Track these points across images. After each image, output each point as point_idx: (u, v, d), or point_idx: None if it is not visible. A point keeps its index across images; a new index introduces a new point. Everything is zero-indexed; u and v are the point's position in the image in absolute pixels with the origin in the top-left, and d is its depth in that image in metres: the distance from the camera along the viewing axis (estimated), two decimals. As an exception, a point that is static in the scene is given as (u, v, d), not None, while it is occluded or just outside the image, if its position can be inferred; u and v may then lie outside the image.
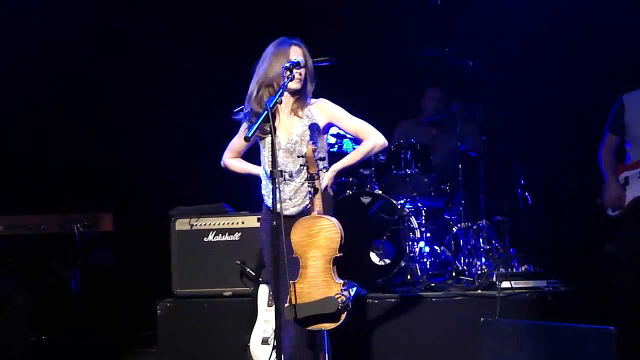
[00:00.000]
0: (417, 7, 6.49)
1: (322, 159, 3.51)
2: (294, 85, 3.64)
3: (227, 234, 4.98)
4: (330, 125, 3.81)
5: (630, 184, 4.63)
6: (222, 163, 4.01)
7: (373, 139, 3.79)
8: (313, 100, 3.77)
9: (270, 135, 3.40)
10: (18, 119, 6.03)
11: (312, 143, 3.45)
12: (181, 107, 6.35)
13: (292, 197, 3.68)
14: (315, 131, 3.69)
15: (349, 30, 6.53)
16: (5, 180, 5.87)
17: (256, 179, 3.87)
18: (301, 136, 3.67)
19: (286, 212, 3.60)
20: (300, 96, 3.72)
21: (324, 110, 3.76)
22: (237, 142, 3.94)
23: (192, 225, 5.02)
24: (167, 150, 6.31)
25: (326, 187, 3.68)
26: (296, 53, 3.67)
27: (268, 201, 3.76)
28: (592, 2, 5.90)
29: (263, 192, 3.81)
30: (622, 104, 4.70)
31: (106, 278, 5.66)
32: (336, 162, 3.80)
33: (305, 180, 3.53)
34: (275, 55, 3.66)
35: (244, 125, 3.83)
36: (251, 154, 3.94)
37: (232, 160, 3.98)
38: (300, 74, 3.65)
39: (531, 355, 3.91)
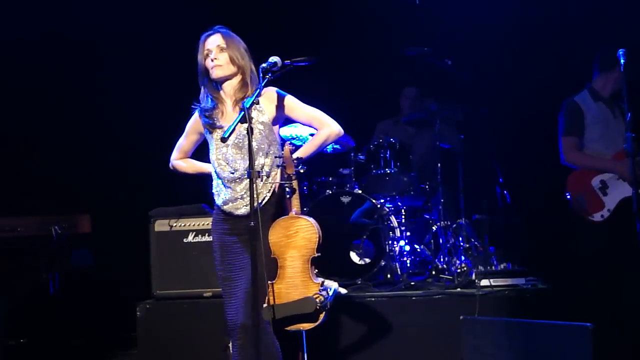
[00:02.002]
0: (397, 7, 6.50)
1: (298, 159, 3.46)
2: (216, 72, 3.54)
3: (206, 234, 4.95)
4: (282, 116, 3.63)
5: (610, 187, 4.69)
6: (170, 165, 3.90)
7: (327, 128, 3.61)
8: (263, 89, 3.56)
9: (247, 134, 3.26)
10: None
11: (290, 143, 3.45)
12: (159, 108, 6.31)
13: (243, 196, 3.54)
14: (265, 124, 3.55)
15: (327, 30, 6.53)
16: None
17: (209, 178, 3.75)
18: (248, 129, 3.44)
19: (237, 212, 3.54)
20: (241, 86, 3.58)
21: (272, 100, 3.59)
22: (184, 142, 3.81)
23: (171, 226, 4.99)
24: (146, 151, 6.27)
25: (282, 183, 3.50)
26: (210, 43, 3.58)
27: (219, 201, 3.61)
28: (570, 3, 5.96)
29: (213, 190, 3.65)
30: (578, 106, 4.80)
31: (85, 280, 5.62)
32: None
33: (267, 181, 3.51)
34: (199, 54, 3.62)
35: (190, 123, 3.75)
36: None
37: (179, 161, 3.87)
38: (216, 59, 3.53)
39: (510, 352, 3.92)
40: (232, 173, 3.54)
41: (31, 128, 6.16)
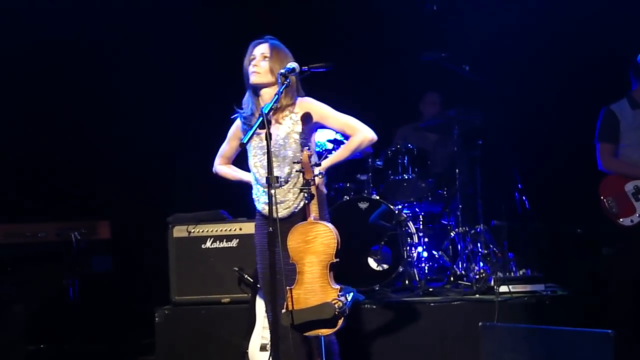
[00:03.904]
0: (414, 13, 6.51)
1: (317, 165, 3.51)
2: (253, 78, 3.62)
3: (224, 240, 4.97)
4: (317, 125, 3.72)
5: None
6: (213, 170, 3.99)
7: (360, 134, 3.69)
8: (298, 99, 3.69)
9: (265, 139, 3.31)
10: (14, 127, 6.02)
11: (308, 148, 3.45)
12: (178, 115, 6.35)
13: (282, 200, 3.61)
14: (301, 133, 3.60)
15: (346, 35, 6.54)
16: (3, 188, 5.87)
17: (248, 185, 3.83)
18: (284, 139, 3.61)
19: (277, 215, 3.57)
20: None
21: (307, 109, 3.66)
22: (227, 148, 3.91)
23: (189, 232, 5.01)
24: (165, 157, 6.31)
25: (317, 187, 3.55)
26: (256, 50, 3.65)
27: (259, 205, 3.71)
28: (589, 8, 5.93)
29: (254, 196, 3.75)
30: (613, 114, 4.79)
31: (104, 286, 5.66)
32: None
33: (294, 185, 3.57)
34: (246, 58, 3.69)
35: (232, 130, 3.84)
36: (240, 159, 3.91)
37: (222, 167, 3.96)
38: (257, 66, 3.61)
39: (529, 359, 3.90)
40: (277, 182, 3.57)
41: (51, 135, 6.20)
